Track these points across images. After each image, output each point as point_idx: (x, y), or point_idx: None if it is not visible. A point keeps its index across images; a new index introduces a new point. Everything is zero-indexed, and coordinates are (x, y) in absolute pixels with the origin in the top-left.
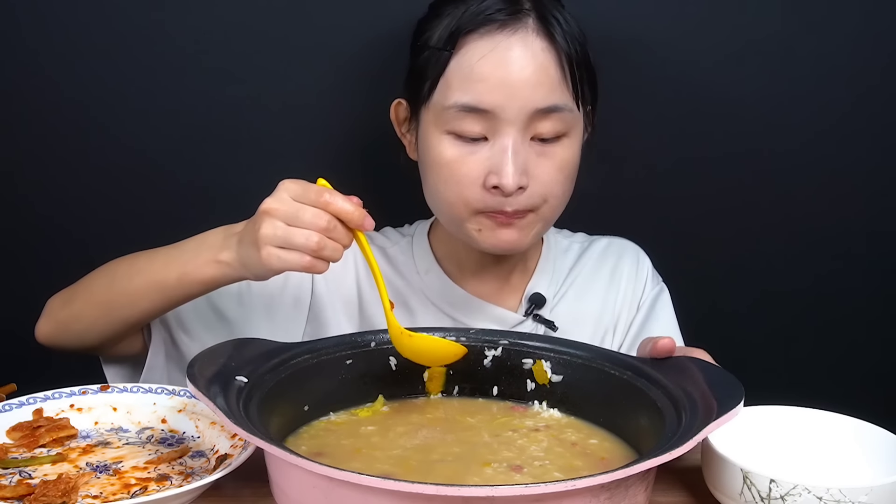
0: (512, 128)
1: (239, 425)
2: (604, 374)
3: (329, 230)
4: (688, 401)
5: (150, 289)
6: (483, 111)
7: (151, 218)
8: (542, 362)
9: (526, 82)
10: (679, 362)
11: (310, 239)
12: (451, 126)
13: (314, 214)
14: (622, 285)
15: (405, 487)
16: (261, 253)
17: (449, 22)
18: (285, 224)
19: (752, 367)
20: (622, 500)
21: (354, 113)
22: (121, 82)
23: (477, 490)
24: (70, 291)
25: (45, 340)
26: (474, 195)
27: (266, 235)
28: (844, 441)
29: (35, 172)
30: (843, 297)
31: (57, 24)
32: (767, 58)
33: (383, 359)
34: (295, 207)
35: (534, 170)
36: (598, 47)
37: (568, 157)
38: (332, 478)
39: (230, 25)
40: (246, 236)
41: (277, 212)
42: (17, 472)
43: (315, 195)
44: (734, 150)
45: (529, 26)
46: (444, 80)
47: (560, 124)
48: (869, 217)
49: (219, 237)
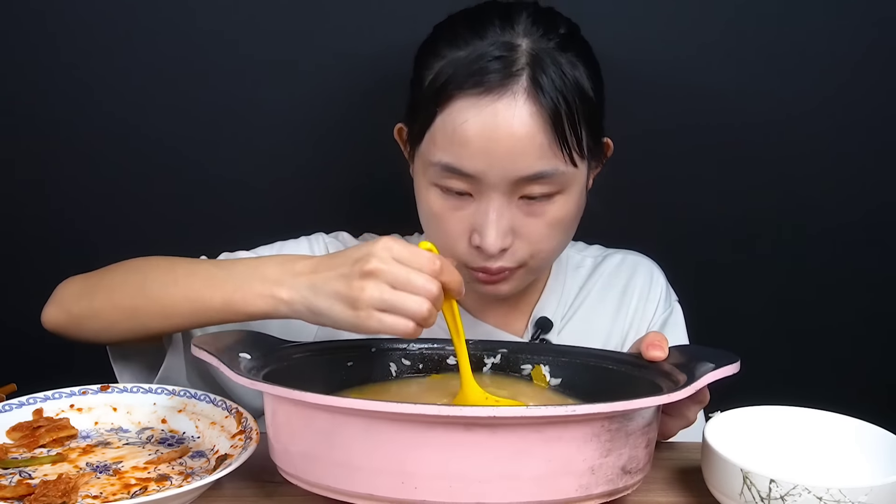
0: (496, 191)
1: (234, 371)
2: (603, 372)
3: (437, 299)
4: (688, 375)
5: (185, 306)
6: (466, 174)
7: (155, 218)
8: (541, 366)
9: (510, 151)
10: (674, 349)
11: (422, 306)
12: (437, 180)
13: (426, 281)
14: (633, 304)
15: (409, 409)
16: (358, 313)
17: (443, 68)
18: (391, 287)
19: (751, 367)
20: (623, 446)
21: (366, 115)
22: (120, 82)
23: (480, 410)
24: (88, 283)
25: (53, 328)
26: (461, 249)
27: (371, 298)
28: (844, 441)
29: (34, 172)
30: (844, 297)
31: (58, 23)
32: (772, 62)
33: (384, 364)
34: (405, 272)
35: (521, 229)
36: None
37: (562, 213)
38: (335, 407)
39: (239, 26)
40: (329, 288)
41: (385, 274)
42: (17, 472)
43: (428, 262)
44: (736, 152)
45: (520, 89)
46: (430, 134)
47: (550, 187)
48: (870, 218)
49: (275, 271)
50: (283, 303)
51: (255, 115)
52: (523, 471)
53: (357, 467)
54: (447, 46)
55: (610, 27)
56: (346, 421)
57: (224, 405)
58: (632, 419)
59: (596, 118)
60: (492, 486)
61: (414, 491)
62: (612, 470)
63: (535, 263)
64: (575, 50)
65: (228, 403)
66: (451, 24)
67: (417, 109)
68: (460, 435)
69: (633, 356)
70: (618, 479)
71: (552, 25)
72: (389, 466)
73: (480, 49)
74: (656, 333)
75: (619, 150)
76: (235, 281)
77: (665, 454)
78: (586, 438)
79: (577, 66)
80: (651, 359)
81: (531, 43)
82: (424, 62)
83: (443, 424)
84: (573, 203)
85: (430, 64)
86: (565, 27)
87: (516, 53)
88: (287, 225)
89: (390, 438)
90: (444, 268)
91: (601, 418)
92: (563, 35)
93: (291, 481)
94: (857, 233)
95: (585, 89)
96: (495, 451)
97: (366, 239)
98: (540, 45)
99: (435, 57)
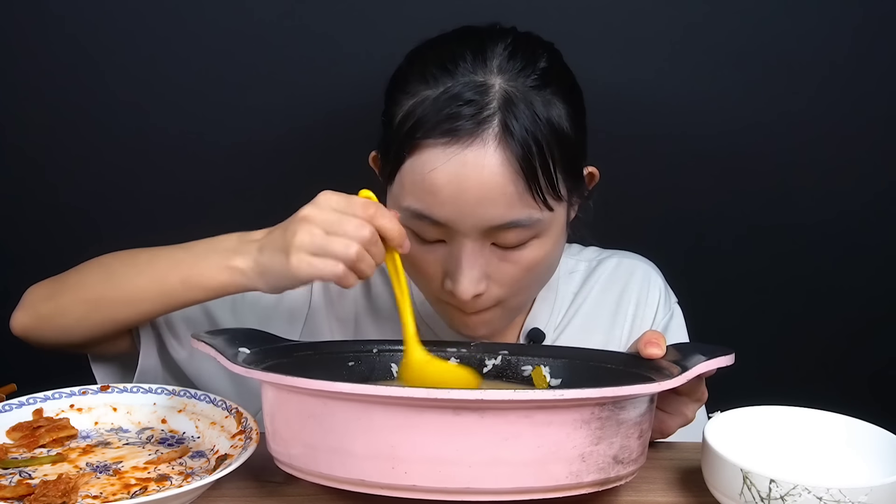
0: (468, 238)
1: (231, 361)
2: (602, 371)
3: (370, 244)
4: (682, 370)
5: (150, 290)
6: (436, 221)
7: (148, 217)
8: (541, 367)
9: (479, 201)
10: (671, 347)
11: (349, 248)
12: (408, 224)
13: (357, 225)
14: (630, 311)
15: (398, 392)
16: (290, 258)
17: (412, 109)
18: (324, 232)
19: (752, 367)
20: (614, 435)
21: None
22: (113, 84)
23: (467, 393)
24: (55, 284)
25: (22, 333)
26: (435, 290)
27: (302, 241)
28: (844, 441)
29: (32, 172)
30: (844, 297)
31: (58, 25)
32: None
33: (385, 365)
34: (337, 216)
35: (495, 273)
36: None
37: (539, 256)
38: (327, 391)
39: (239, 26)
40: (271, 243)
41: (317, 219)
42: (17, 472)
43: (361, 207)
44: (739, 156)
45: (490, 136)
46: (399, 176)
47: (524, 234)
48: (870, 219)
49: (232, 242)
50: (238, 272)
51: (254, 116)
52: (513, 456)
53: (348, 453)
54: (417, 82)
55: (609, 28)
56: (337, 406)
57: (224, 405)
58: (623, 407)
59: (574, 157)
60: (481, 471)
61: (404, 476)
62: (603, 458)
63: (512, 303)
64: (553, 85)
65: (228, 403)
66: (422, 56)
67: (388, 149)
68: (449, 419)
69: (632, 355)
70: (609, 469)
71: (530, 59)
72: (380, 451)
73: (451, 90)
74: (653, 331)
75: (618, 151)
76: (195, 258)
77: (665, 454)
78: (576, 425)
79: (555, 103)
80: (648, 356)
81: (505, 82)
82: (394, 97)
83: (431, 408)
84: (550, 244)
85: (400, 101)
86: (545, 59)
87: (488, 96)
88: None
89: (380, 422)
90: (379, 213)
91: (591, 404)
92: (541, 70)
93: (287, 471)
94: (858, 234)
95: (562, 129)
96: (484, 436)
97: None
98: (514, 84)
99: (404, 94)
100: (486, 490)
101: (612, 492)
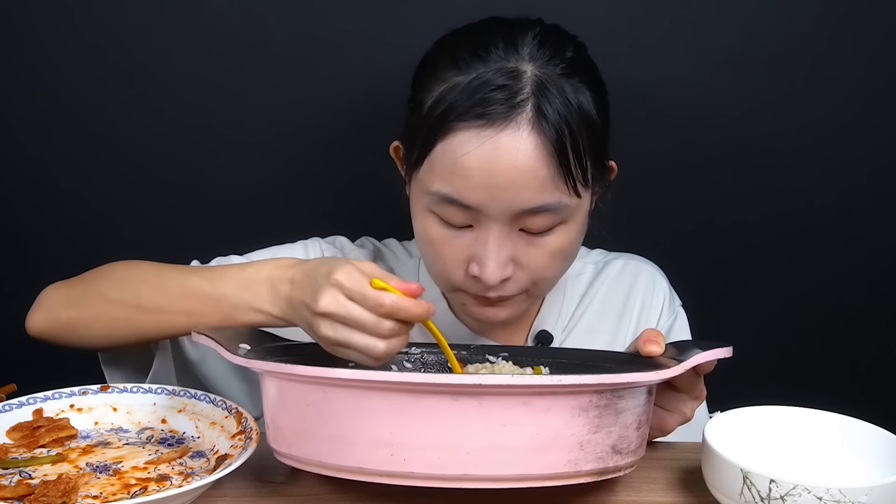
0: (496, 223)
1: (224, 348)
2: (601, 369)
3: (394, 334)
4: (679, 363)
5: (184, 321)
6: (465, 205)
7: (147, 222)
8: (541, 367)
9: (511, 184)
10: (670, 345)
11: (374, 346)
12: (435, 209)
13: (376, 322)
14: (635, 312)
15: (397, 377)
16: (323, 345)
17: (443, 94)
18: (344, 326)
19: (752, 367)
20: (612, 424)
21: (367, 118)
22: (118, 86)
23: (465, 378)
24: (76, 290)
25: (39, 335)
26: (457, 277)
27: (327, 337)
28: (845, 441)
29: (32, 171)
30: (844, 297)
31: (58, 24)
32: (770, 63)
33: (385, 367)
34: (356, 312)
35: (521, 258)
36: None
37: (564, 242)
38: (326, 378)
39: (240, 27)
40: (298, 314)
41: (336, 315)
42: (17, 472)
43: (374, 303)
44: (738, 155)
45: (524, 120)
46: (428, 161)
47: (552, 219)
48: (870, 221)
49: (264, 290)
50: (272, 317)
51: (254, 117)
52: (511, 443)
53: (347, 440)
54: (447, 69)
55: (611, 30)
56: (336, 393)
57: (224, 405)
58: (621, 397)
59: (601, 144)
60: (479, 457)
61: (402, 463)
62: (601, 447)
63: (535, 290)
64: (581, 74)
65: (228, 403)
66: (452, 43)
67: (415, 135)
68: (447, 405)
69: (632, 355)
70: (608, 458)
71: (559, 48)
72: (378, 438)
73: (483, 75)
74: (652, 330)
75: (619, 152)
76: (229, 300)
77: (665, 454)
78: (574, 412)
79: (584, 91)
80: (648, 354)
81: (536, 69)
82: (423, 84)
83: (430, 394)
84: (575, 232)
85: (429, 87)
86: (572, 49)
87: (521, 82)
88: (286, 227)
89: (379, 409)
90: (395, 307)
91: (589, 392)
92: (569, 59)
93: (287, 463)
94: (858, 234)
95: (591, 116)
96: (482, 422)
97: (363, 245)
98: (546, 71)
99: (434, 80)
100: (485, 477)
101: (612, 491)
